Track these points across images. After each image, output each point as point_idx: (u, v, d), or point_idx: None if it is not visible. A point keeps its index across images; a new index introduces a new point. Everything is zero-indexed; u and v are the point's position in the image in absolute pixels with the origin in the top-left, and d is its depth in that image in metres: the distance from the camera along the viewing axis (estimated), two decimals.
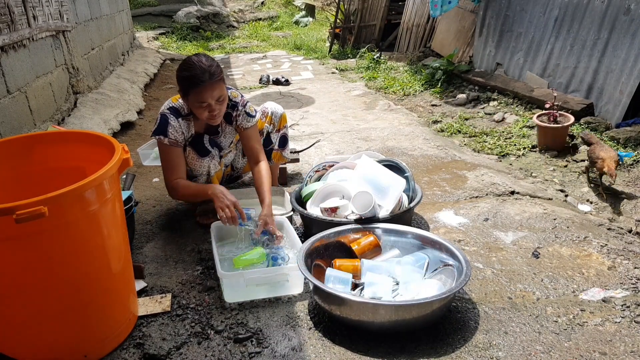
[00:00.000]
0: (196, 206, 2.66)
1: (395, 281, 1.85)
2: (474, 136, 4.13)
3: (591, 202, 3.01)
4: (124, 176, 2.53)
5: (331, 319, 1.81)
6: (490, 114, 4.58)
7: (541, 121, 3.71)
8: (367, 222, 2.16)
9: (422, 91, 5.57)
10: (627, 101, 3.65)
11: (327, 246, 2.06)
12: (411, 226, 2.22)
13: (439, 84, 5.50)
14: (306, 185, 2.59)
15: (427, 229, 2.45)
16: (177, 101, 2.32)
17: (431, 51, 6.75)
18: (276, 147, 2.76)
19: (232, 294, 1.93)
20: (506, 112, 4.48)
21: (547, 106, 3.81)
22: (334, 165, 2.64)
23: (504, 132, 4.13)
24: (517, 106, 4.56)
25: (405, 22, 7.48)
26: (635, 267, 2.05)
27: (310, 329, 1.78)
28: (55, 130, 2.65)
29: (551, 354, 1.61)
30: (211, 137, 2.44)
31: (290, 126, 4.22)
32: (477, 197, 2.80)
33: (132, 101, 4.88)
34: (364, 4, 7.93)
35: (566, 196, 3.06)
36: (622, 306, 1.82)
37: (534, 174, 3.40)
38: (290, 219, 2.39)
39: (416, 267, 1.92)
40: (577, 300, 1.88)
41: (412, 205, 2.33)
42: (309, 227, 2.37)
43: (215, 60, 2.21)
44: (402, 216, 2.28)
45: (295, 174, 3.20)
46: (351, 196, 2.27)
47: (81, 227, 1.46)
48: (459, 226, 2.47)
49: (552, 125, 3.64)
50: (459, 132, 4.24)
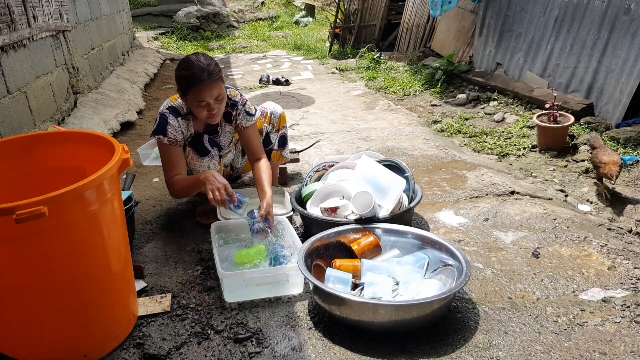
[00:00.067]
0: (196, 206, 2.66)
1: (395, 281, 1.85)
2: (474, 136, 4.13)
3: (591, 202, 3.01)
4: (124, 176, 2.53)
5: (331, 319, 1.81)
6: (490, 114, 4.58)
7: (541, 121, 3.71)
8: (367, 222, 2.16)
9: (422, 91, 5.57)
10: (627, 101, 3.65)
11: (327, 246, 2.06)
12: (411, 226, 2.22)
13: (439, 84, 5.50)
14: (306, 185, 2.59)
15: (427, 229, 2.45)
16: (176, 101, 2.32)
17: (431, 51, 6.75)
18: (276, 147, 2.76)
19: (232, 294, 1.93)
20: (506, 112, 4.48)
21: (547, 106, 3.81)
22: (334, 165, 2.64)
23: (504, 132, 4.13)
24: (517, 106, 4.56)
25: (405, 22, 7.48)
26: (635, 267, 2.05)
27: (310, 329, 1.78)
28: (55, 130, 2.65)
29: (551, 354, 1.61)
30: (210, 137, 2.44)
31: (290, 126, 4.22)
32: (477, 197, 2.80)
33: (132, 101, 4.88)
34: (364, 4, 7.93)
35: (566, 196, 3.06)
36: (622, 306, 1.82)
37: (534, 174, 3.40)
38: (290, 219, 2.39)
39: (416, 267, 1.92)
40: (577, 300, 1.88)
41: (412, 205, 2.33)
42: (309, 227, 2.37)
43: (213, 59, 2.21)
44: (402, 216, 2.28)
45: (295, 174, 3.20)
46: (351, 196, 2.27)
47: (81, 227, 1.46)
48: (459, 226, 2.47)
49: (552, 125, 3.64)
50: (459, 132, 4.24)
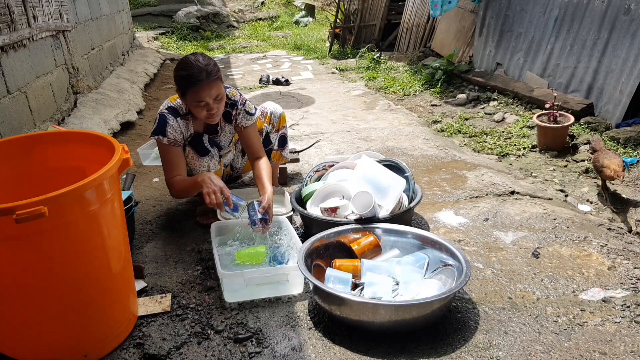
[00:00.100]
0: (196, 206, 2.66)
1: (395, 281, 1.85)
2: (474, 136, 4.13)
3: (591, 202, 3.01)
4: (124, 176, 2.53)
5: (331, 319, 1.81)
6: (490, 114, 4.58)
7: (541, 121, 3.71)
8: (367, 222, 2.16)
9: (422, 91, 5.57)
10: (627, 101, 3.65)
11: (327, 246, 2.06)
12: (411, 226, 2.22)
13: (439, 84, 5.50)
14: (306, 185, 2.59)
15: (427, 229, 2.45)
16: (175, 101, 2.32)
17: (431, 51, 6.75)
18: (275, 147, 2.76)
19: (232, 294, 1.93)
20: (506, 112, 4.48)
21: (547, 106, 3.81)
22: (334, 165, 2.64)
23: (504, 132, 4.13)
24: (517, 106, 4.56)
25: (405, 22, 7.48)
26: (635, 267, 2.05)
27: (310, 329, 1.78)
28: (55, 130, 2.65)
29: (551, 354, 1.61)
30: (210, 137, 2.44)
31: (290, 126, 4.22)
32: (477, 197, 2.80)
33: (132, 101, 4.88)
34: (364, 4, 7.93)
35: (566, 196, 3.06)
36: (622, 306, 1.82)
37: (534, 174, 3.40)
38: (290, 219, 2.39)
39: (416, 267, 1.92)
40: (577, 300, 1.88)
41: (412, 205, 2.33)
42: (309, 227, 2.37)
43: (212, 59, 2.21)
44: (402, 216, 2.28)
45: (295, 174, 3.20)
46: (351, 196, 2.26)
47: (81, 227, 1.46)
48: (459, 226, 2.47)
49: (552, 125, 3.64)
50: (459, 132, 4.24)
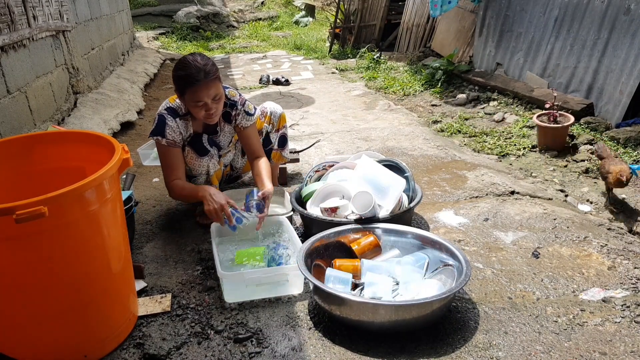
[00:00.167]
0: (196, 206, 2.66)
1: (395, 281, 1.84)
2: (474, 136, 4.13)
3: (591, 202, 3.01)
4: (124, 176, 2.53)
5: (331, 319, 1.81)
6: (490, 114, 4.58)
7: (541, 121, 3.71)
8: (367, 222, 2.15)
9: (422, 91, 5.57)
10: (627, 101, 3.65)
11: (327, 246, 2.06)
12: (411, 226, 2.22)
13: (439, 84, 5.50)
14: (306, 185, 2.59)
15: (427, 229, 2.45)
16: (174, 101, 2.32)
17: (431, 51, 6.75)
18: (275, 147, 2.76)
19: (232, 294, 1.93)
20: (506, 112, 4.48)
21: (547, 106, 3.82)
22: (334, 165, 2.64)
23: (504, 132, 4.13)
24: (517, 106, 4.56)
25: (405, 22, 7.48)
26: (635, 267, 2.05)
27: (310, 329, 1.78)
28: (55, 130, 2.65)
29: (551, 354, 1.61)
30: (210, 137, 2.44)
31: (290, 126, 4.22)
32: (477, 197, 2.80)
33: (132, 101, 4.88)
34: (364, 4, 7.93)
35: (566, 196, 3.06)
36: (622, 306, 1.82)
37: (534, 174, 3.40)
38: (290, 219, 2.39)
39: (416, 267, 1.92)
40: (577, 300, 1.88)
41: (412, 205, 2.33)
42: (309, 227, 2.37)
43: (210, 59, 2.21)
44: (402, 216, 2.27)
45: (295, 174, 3.20)
46: (351, 196, 2.26)
47: (81, 227, 1.46)
48: (459, 226, 2.47)
49: (552, 125, 3.65)
50: (459, 132, 4.24)
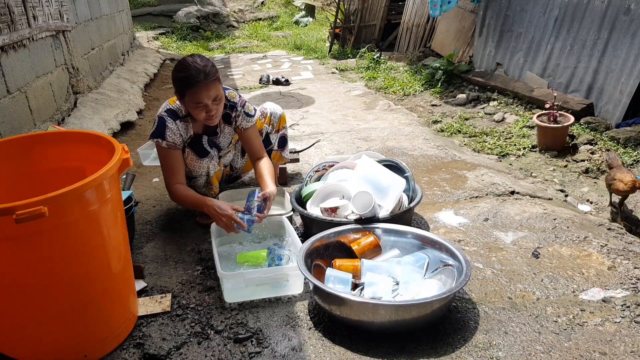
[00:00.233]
0: None
1: (395, 281, 1.84)
2: (474, 136, 4.13)
3: (591, 202, 3.01)
4: (124, 176, 2.53)
5: (331, 319, 1.81)
6: (490, 114, 4.58)
7: (541, 121, 3.71)
8: (367, 222, 2.15)
9: (422, 91, 5.57)
10: (627, 101, 3.65)
11: (327, 246, 2.06)
12: (411, 226, 2.22)
13: (439, 84, 5.50)
14: (306, 185, 2.59)
15: (427, 229, 2.45)
16: (174, 103, 2.31)
17: (431, 51, 6.75)
18: (275, 147, 2.76)
19: (232, 294, 1.93)
20: (506, 112, 4.48)
21: (547, 106, 3.82)
22: (334, 165, 2.64)
23: (504, 132, 4.13)
24: (517, 106, 4.56)
25: (405, 22, 7.48)
26: (635, 267, 2.05)
27: (310, 329, 1.78)
28: (55, 130, 2.65)
29: (551, 354, 1.61)
30: (210, 138, 2.44)
31: (290, 126, 4.22)
32: (477, 197, 2.80)
33: (132, 101, 4.88)
34: (364, 4, 7.93)
35: (566, 196, 3.07)
36: (622, 306, 1.82)
37: (534, 174, 3.40)
38: (290, 219, 2.39)
39: (416, 267, 1.92)
40: (577, 300, 1.88)
41: (412, 205, 2.33)
42: (309, 227, 2.37)
43: (210, 60, 2.20)
44: (402, 216, 2.27)
45: (295, 174, 3.20)
46: (351, 196, 2.26)
47: (81, 227, 1.46)
48: (459, 226, 2.47)
49: (552, 125, 3.65)
50: (459, 132, 4.24)
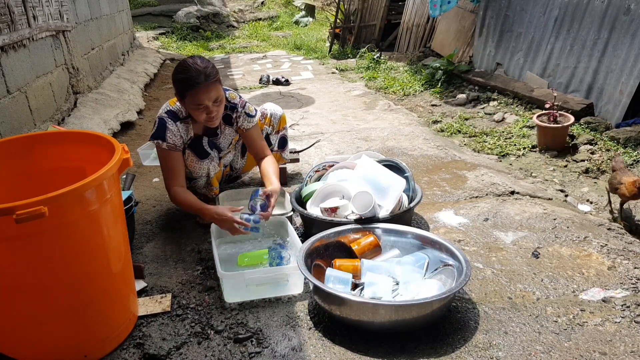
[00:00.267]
0: None
1: (395, 281, 1.84)
2: (474, 136, 4.13)
3: (591, 202, 3.01)
4: (124, 176, 2.53)
5: (331, 319, 1.81)
6: (490, 114, 4.58)
7: (541, 121, 3.71)
8: (367, 222, 2.15)
9: (422, 91, 5.57)
10: (627, 101, 3.65)
11: (327, 246, 2.06)
12: (411, 226, 2.22)
13: (439, 84, 5.50)
14: (306, 185, 2.59)
15: (427, 229, 2.45)
16: (174, 104, 2.30)
17: (431, 51, 6.75)
18: (276, 148, 2.76)
19: (232, 294, 1.93)
20: (506, 112, 4.48)
21: (547, 106, 3.82)
22: (334, 165, 2.64)
23: (504, 132, 4.13)
24: (517, 106, 4.56)
25: (405, 22, 7.48)
26: (635, 267, 2.05)
27: (310, 329, 1.78)
28: (55, 130, 2.65)
29: (551, 354, 1.61)
30: (210, 139, 2.43)
31: (290, 126, 4.22)
32: (477, 197, 2.80)
33: (132, 101, 4.88)
34: (364, 4, 7.93)
35: (566, 196, 3.07)
36: (622, 306, 1.82)
37: (534, 174, 3.40)
38: (290, 219, 2.39)
39: (416, 267, 1.92)
40: (577, 300, 1.88)
41: (412, 205, 2.33)
42: (309, 227, 2.37)
43: (210, 61, 2.20)
44: (402, 216, 2.27)
45: (295, 174, 3.20)
46: (351, 196, 2.26)
47: (81, 227, 1.46)
48: (459, 226, 2.47)
49: (552, 125, 3.65)
50: (459, 132, 4.24)
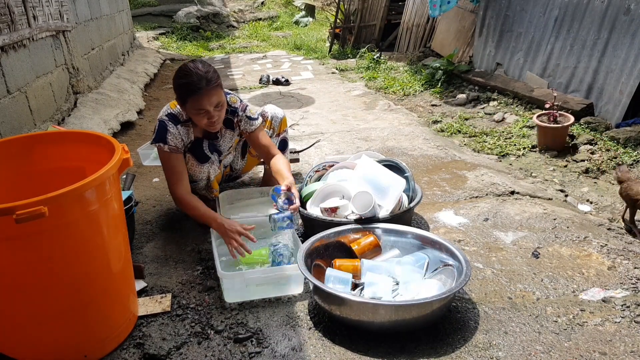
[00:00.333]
0: None
1: (395, 281, 1.85)
2: (474, 136, 4.13)
3: (591, 202, 3.01)
4: (124, 176, 2.53)
5: (331, 319, 1.81)
6: (490, 114, 4.58)
7: (541, 121, 3.71)
8: (367, 222, 2.15)
9: (422, 91, 5.57)
10: (627, 101, 3.65)
11: (327, 246, 2.06)
12: (411, 226, 2.22)
13: (439, 84, 5.50)
14: (306, 185, 2.59)
15: (427, 229, 2.45)
16: (175, 107, 2.28)
17: (431, 51, 6.75)
18: None
19: (232, 294, 1.93)
20: (506, 112, 4.48)
21: (547, 106, 3.82)
22: (334, 165, 2.64)
23: (504, 132, 4.13)
24: (517, 106, 4.56)
25: (405, 22, 7.48)
26: (635, 267, 2.05)
27: (310, 329, 1.78)
28: (55, 130, 2.65)
29: (551, 354, 1.61)
30: (210, 142, 2.42)
31: (290, 126, 4.22)
32: (477, 197, 2.80)
33: (132, 101, 4.88)
34: (364, 4, 7.93)
35: (566, 196, 3.07)
36: (622, 306, 1.82)
37: (534, 174, 3.40)
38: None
39: (416, 267, 1.92)
40: (577, 300, 1.88)
41: (412, 205, 2.33)
42: (309, 227, 2.37)
43: (212, 66, 2.18)
44: (402, 216, 2.27)
45: (295, 174, 3.20)
46: (351, 196, 2.26)
47: (81, 227, 1.46)
48: (459, 226, 2.47)
49: (552, 125, 3.65)
50: (459, 132, 4.24)
